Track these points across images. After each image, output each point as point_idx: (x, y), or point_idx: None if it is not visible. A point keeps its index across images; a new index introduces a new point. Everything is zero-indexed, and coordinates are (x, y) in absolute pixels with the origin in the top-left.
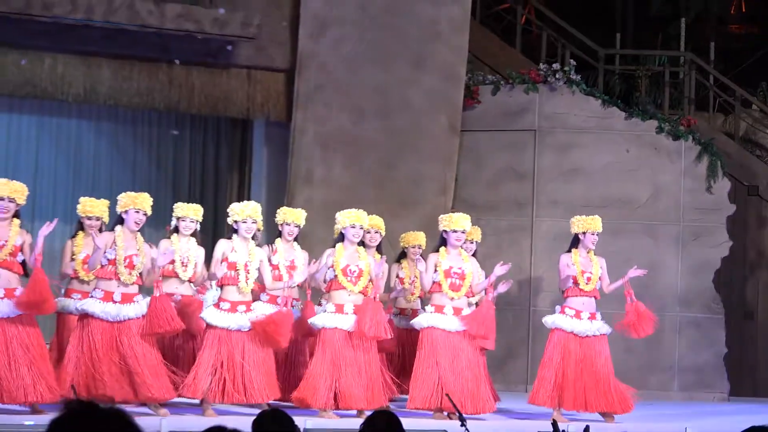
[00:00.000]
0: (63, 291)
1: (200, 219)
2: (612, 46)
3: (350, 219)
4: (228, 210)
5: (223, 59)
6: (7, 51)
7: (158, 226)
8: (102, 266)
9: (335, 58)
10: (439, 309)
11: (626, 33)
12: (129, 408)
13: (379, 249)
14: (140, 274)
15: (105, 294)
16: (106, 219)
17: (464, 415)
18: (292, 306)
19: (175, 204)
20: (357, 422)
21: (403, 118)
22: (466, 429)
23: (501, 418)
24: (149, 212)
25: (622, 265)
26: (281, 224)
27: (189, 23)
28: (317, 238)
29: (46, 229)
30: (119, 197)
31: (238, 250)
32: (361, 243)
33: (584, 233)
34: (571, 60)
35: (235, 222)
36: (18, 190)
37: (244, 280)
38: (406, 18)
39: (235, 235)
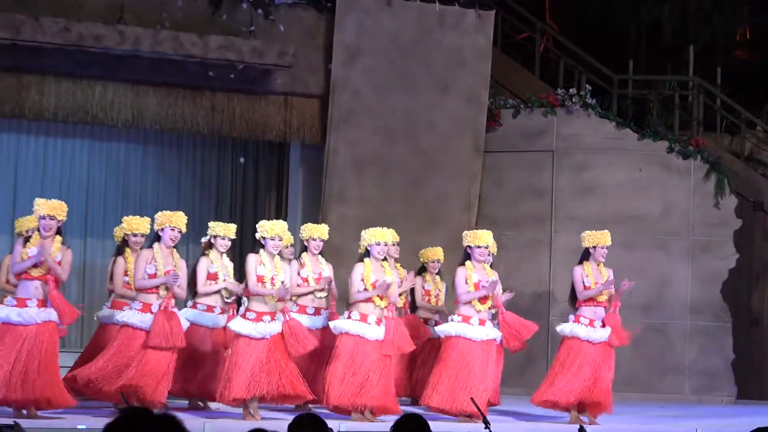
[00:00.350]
0: (110, 303)
1: (234, 236)
2: (625, 72)
3: (375, 237)
4: (257, 226)
5: (262, 86)
6: (62, 80)
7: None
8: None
9: (366, 84)
10: (466, 319)
11: (638, 60)
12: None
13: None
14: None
15: (143, 306)
16: None
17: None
18: (320, 314)
19: (210, 223)
20: (388, 426)
21: (429, 140)
22: (490, 431)
23: (522, 421)
24: (184, 229)
25: (636, 276)
26: (307, 240)
27: (230, 53)
28: (350, 252)
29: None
30: (156, 216)
31: (265, 264)
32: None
33: (594, 247)
34: (587, 85)
35: (263, 238)
36: (57, 207)
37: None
38: (432, 47)
39: (262, 250)
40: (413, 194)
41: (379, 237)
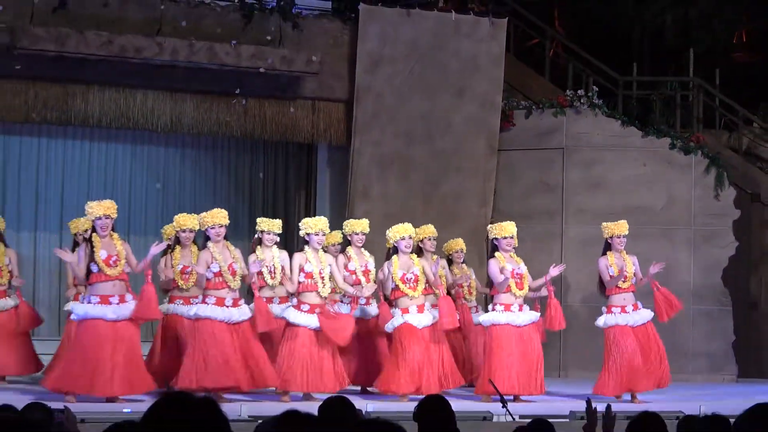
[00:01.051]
0: (167, 298)
1: (280, 231)
2: (630, 74)
3: (400, 233)
4: (300, 224)
5: (291, 92)
6: (105, 89)
7: (237, 237)
8: (208, 279)
9: (388, 89)
10: (508, 307)
11: (642, 62)
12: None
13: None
14: (243, 277)
15: (217, 300)
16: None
17: (510, 397)
18: (370, 304)
19: (259, 219)
20: (412, 406)
21: (447, 140)
22: (507, 410)
23: (537, 399)
24: (224, 222)
25: (643, 265)
26: (350, 234)
27: (261, 62)
28: (376, 245)
29: (156, 248)
30: (199, 218)
31: (311, 261)
32: (419, 251)
33: (612, 237)
34: (594, 87)
35: (308, 234)
36: (110, 207)
37: (321, 286)
38: (449, 54)
39: (306, 247)
40: (432, 191)
41: (403, 232)
